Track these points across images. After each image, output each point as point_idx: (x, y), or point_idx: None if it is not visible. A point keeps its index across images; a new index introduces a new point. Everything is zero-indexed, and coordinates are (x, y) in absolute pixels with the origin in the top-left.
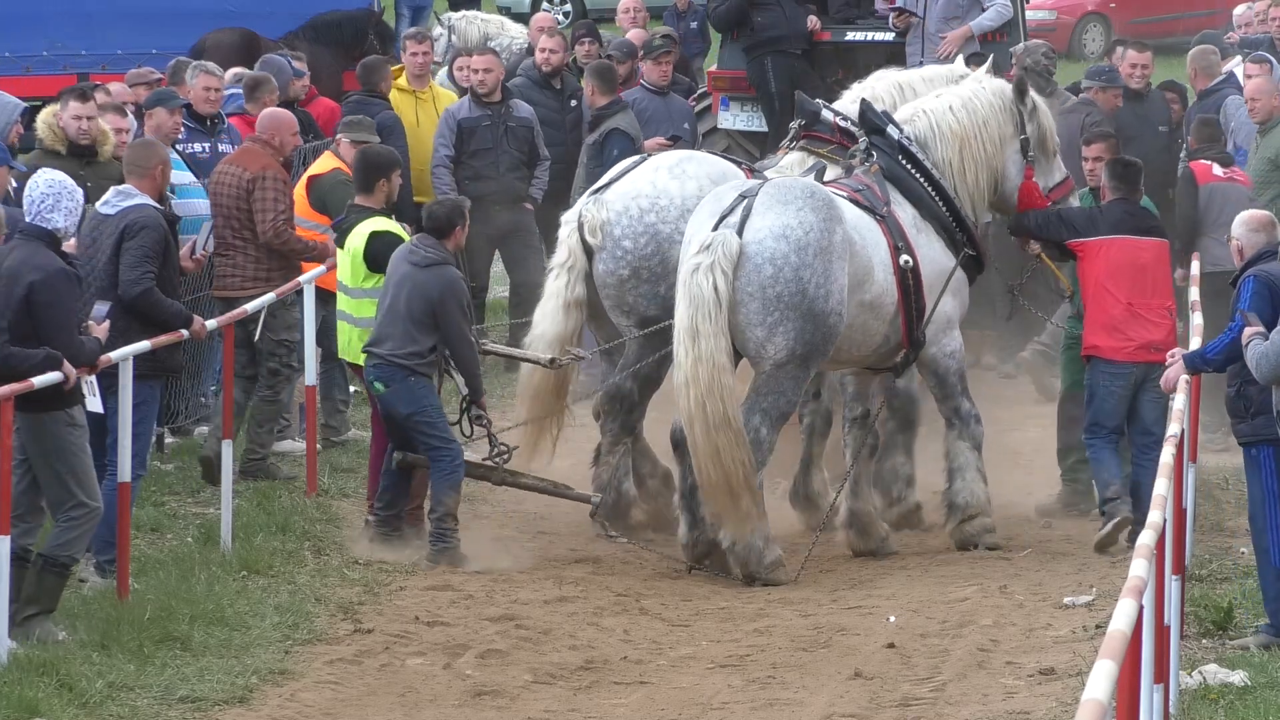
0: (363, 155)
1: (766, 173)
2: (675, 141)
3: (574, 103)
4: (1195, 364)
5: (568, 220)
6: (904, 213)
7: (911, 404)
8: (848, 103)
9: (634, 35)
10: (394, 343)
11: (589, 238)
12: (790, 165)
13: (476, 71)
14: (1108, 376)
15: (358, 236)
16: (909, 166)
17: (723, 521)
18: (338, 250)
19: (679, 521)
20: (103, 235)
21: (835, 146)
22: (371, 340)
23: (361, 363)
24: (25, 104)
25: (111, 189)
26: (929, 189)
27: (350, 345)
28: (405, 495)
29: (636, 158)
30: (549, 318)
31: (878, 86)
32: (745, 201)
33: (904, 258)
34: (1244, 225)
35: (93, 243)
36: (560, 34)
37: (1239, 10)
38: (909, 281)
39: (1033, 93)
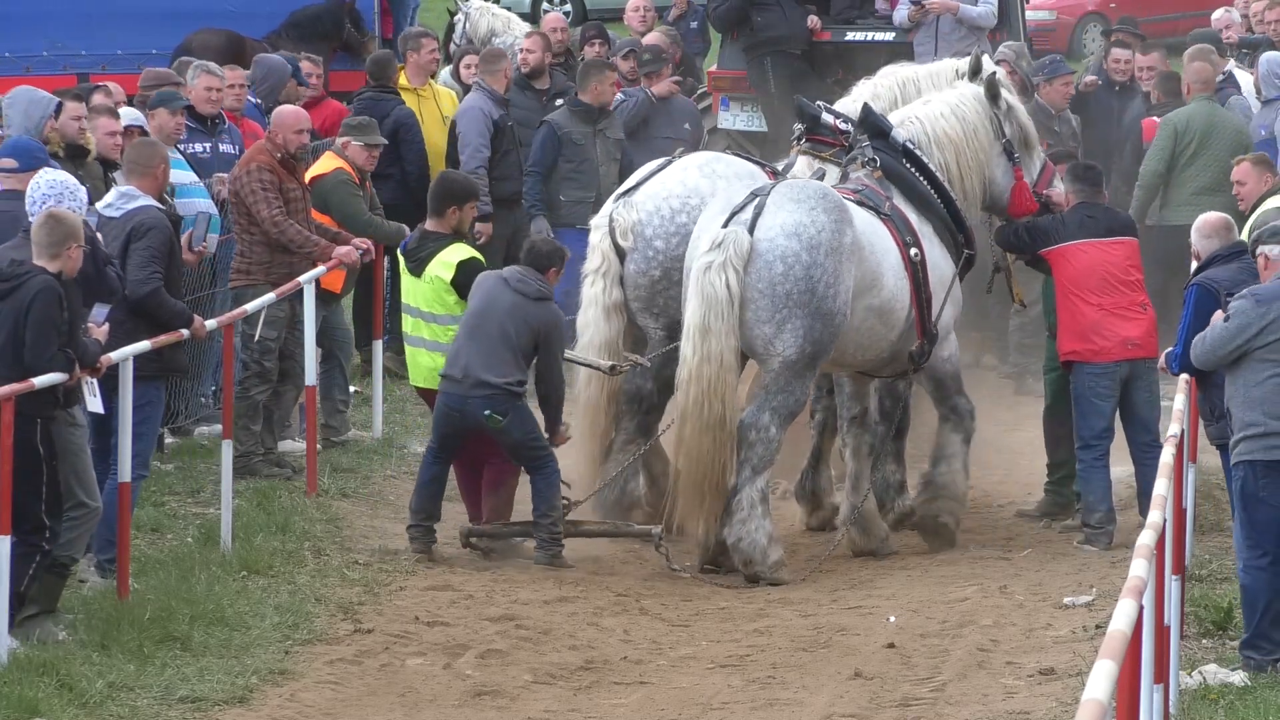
0: (442, 179)
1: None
2: (681, 81)
3: (559, 103)
4: (1172, 366)
5: (598, 225)
6: (908, 213)
7: (903, 410)
8: (851, 102)
9: (654, 38)
10: (504, 370)
11: (621, 241)
12: (800, 169)
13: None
14: (1091, 378)
15: (442, 265)
16: (912, 168)
17: (686, 518)
18: (409, 276)
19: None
20: (108, 237)
21: (838, 149)
22: (469, 368)
23: (430, 387)
24: (59, 99)
25: (115, 191)
26: (931, 190)
27: (419, 368)
28: (440, 504)
29: (663, 159)
30: (593, 325)
31: (881, 84)
32: (757, 200)
33: (913, 250)
34: (1197, 231)
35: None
36: (540, 34)
37: (1217, 14)
38: (920, 275)
39: (1005, 93)
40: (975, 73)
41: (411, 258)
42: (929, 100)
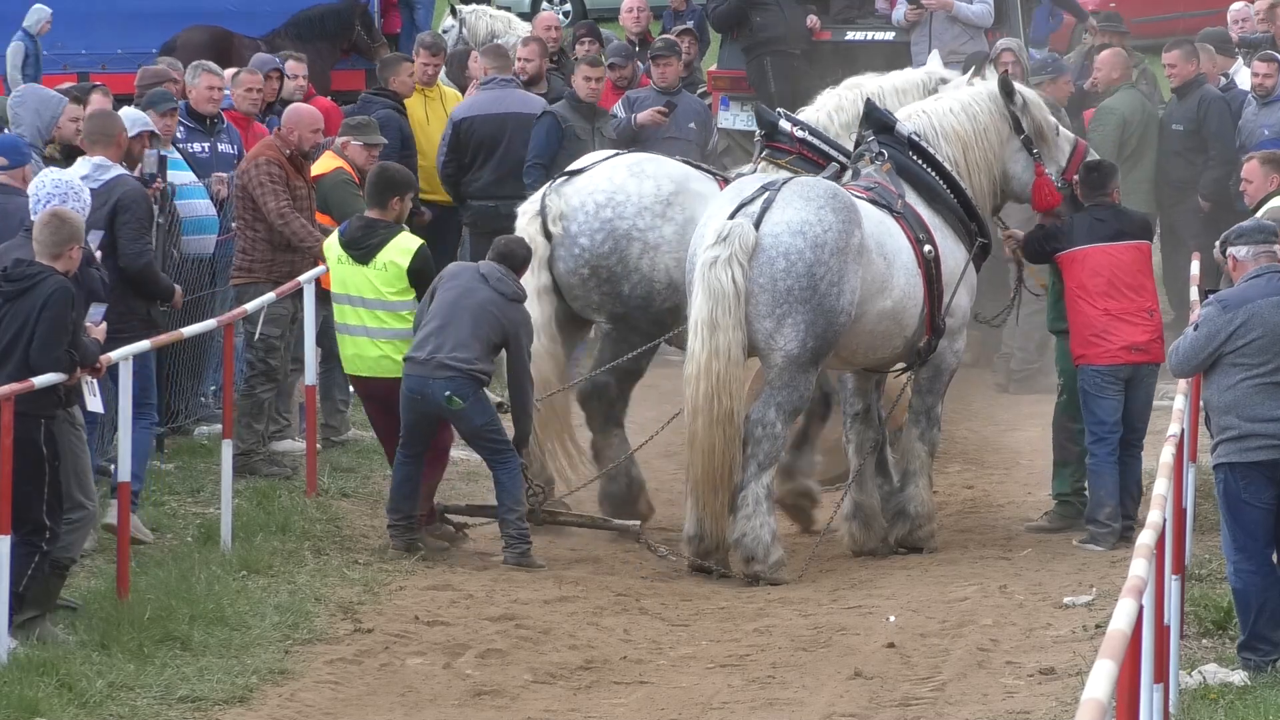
0: (382, 171)
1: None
2: (668, 111)
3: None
4: None
5: (525, 211)
6: (919, 208)
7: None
8: (813, 111)
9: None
10: (468, 356)
11: (551, 227)
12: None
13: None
14: (1096, 375)
15: (399, 251)
16: (920, 161)
17: (700, 513)
18: (348, 265)
19: (686, 515)
20: (90, 207)
21: (795, 157)
22: (435, 351)
23: (375, 375)
24: (67, 98)
25: (87, 163)
26: (940, 181)
27: (363, 359)
28: (418, 502)
29: (605, 153)
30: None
31: (845, 96)
32: (767, 194)
33: (926, 248)
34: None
35: None
36: (536, 40)
37: (1235, 7)
38: (932, 271)
39: (1019, 87)
40: (1009, 95)
41: (358, 246)
42: (940, 97)
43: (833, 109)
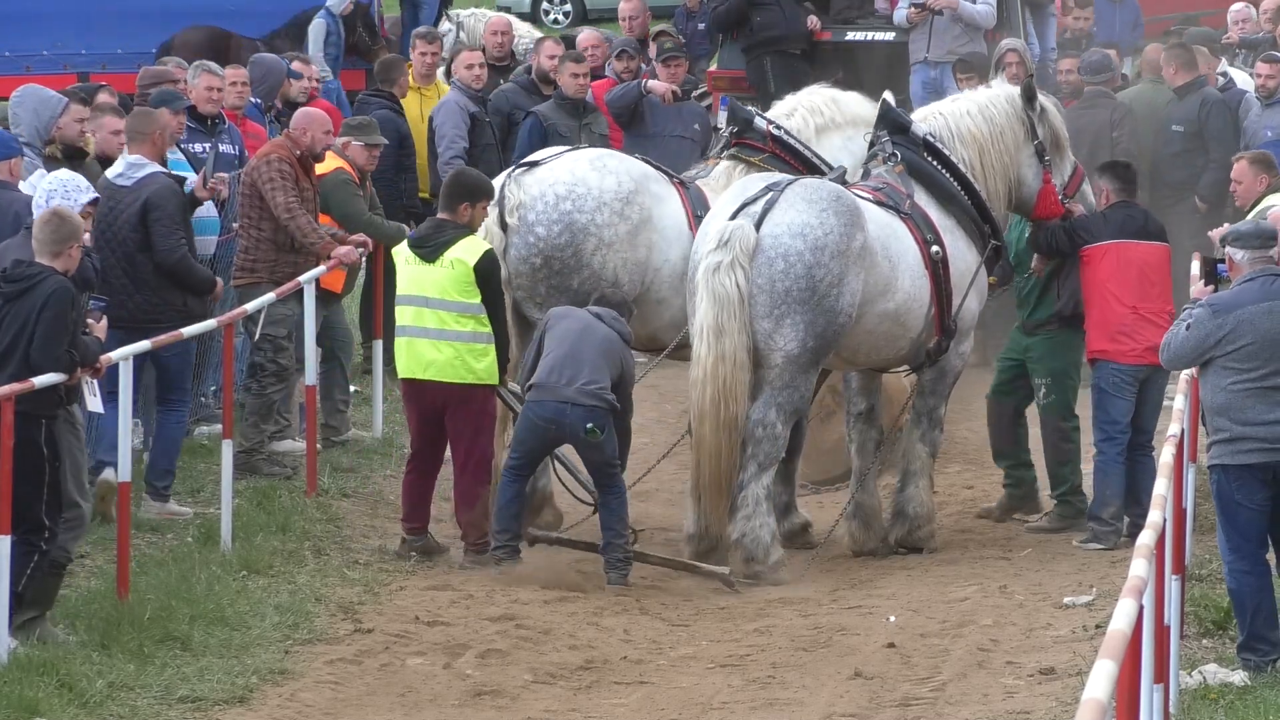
0: (455, 175)
1: (698, 181)
2: (681, 96)
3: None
4: None
5: None
6: (930, 209)
7: (799, 432)
8: (781, 113)
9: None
10: (603, 382)
11: (507, 217)
12: (719, 175)
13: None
14: (1114, 373)
15: (466, 250)
16: (934, 162)
17: (703, 515)
18: (416, 265)
19: (686, 514)
20: (122, 205)
21: (768, 155)
22: (573, 379)
23: (430, 379)
24: (67, 99)
25: (123, 161)
26: (955, 183)
27: (418, 360)
28: (521, 526)
29: (565, 147)
30: None
31: (815, 99)
32: (770, 195)
33: (934, 248)
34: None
35: (109, 211)
36: (555, 40)
37: (1236, 7)
38: (940, 272)
39: (1040, 95)
40: (1029, 100)
41: (425, 244)
42: (957, 98)
43: (807, 111)
